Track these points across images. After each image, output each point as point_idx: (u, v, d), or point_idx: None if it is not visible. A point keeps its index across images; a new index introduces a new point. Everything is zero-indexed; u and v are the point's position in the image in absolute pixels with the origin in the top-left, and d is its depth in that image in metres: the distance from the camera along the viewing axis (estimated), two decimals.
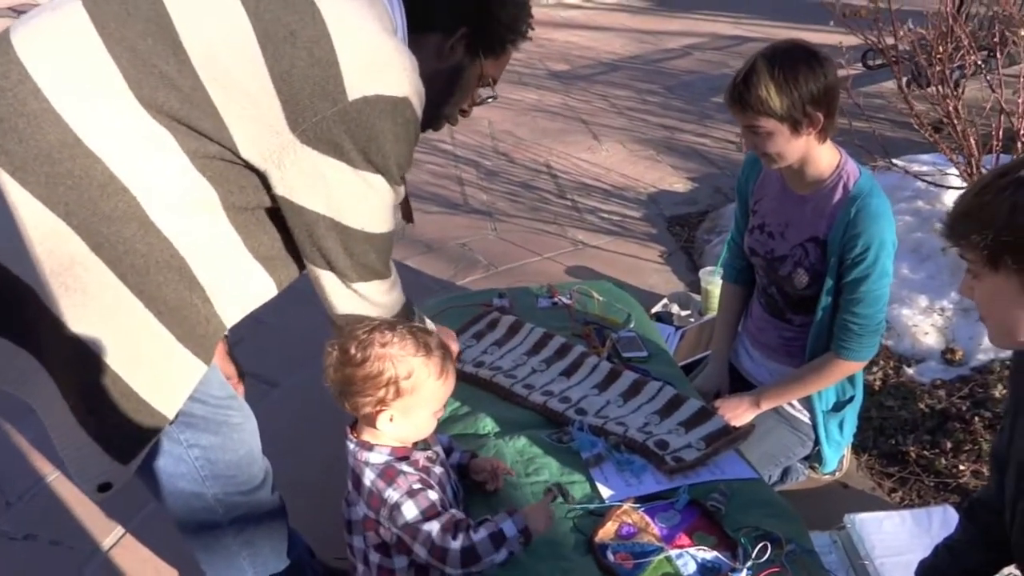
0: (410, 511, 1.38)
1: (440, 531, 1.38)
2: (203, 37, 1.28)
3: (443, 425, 1.80)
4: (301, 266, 1.51)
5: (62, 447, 1.44)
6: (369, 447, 1.44)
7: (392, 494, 1.39)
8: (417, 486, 1.41)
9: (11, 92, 1.24)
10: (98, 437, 1.40)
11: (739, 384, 2.37)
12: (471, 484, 1.66)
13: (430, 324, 1.71)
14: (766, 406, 2.12)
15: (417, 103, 1.39)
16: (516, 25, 1.52)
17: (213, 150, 1.32)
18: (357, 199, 1.40)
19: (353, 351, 1.38)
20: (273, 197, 1.39)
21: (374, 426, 1.43)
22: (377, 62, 1.33)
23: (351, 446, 1.46)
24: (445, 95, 1.53)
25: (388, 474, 1.41)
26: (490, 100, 1.63)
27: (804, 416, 2.20)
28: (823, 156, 1.96)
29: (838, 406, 2.20)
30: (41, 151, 1.24)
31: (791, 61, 1.83)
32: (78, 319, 1.33)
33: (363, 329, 1.41)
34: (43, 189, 1.25)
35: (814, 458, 2.32)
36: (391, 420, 1.42)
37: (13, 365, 1.38)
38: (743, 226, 2.28)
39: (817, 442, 2.22)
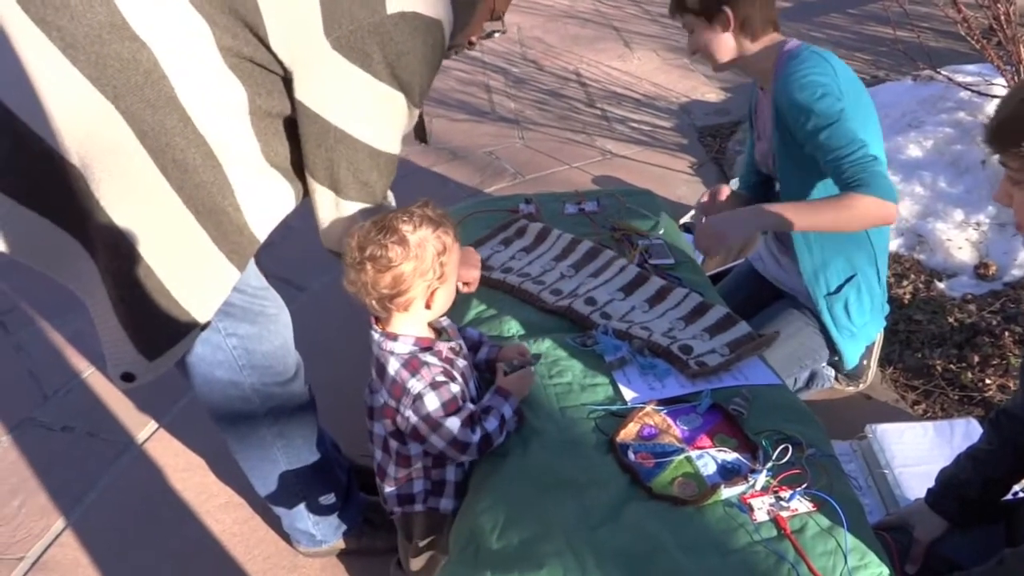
0: (432, 403, 1.41)
1: (461, 427, 1.42)
2: None
3: (468, 326, 1.81)
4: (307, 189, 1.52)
5: (99, 329, 1.48)
6: (394, 337, 1.45)
7: (415, 384, 1.41)
8: (440, 378, 1.43)
9: None
10: (126, 326, 1.44)
11: (766, 291, 2.35)
12: (489, 380, 1.68)
13: None
14: (771, 223, 1.94)
15: (448, 30, 1.42)
16: None
17: (246, 50, 1.32)
18: (371, 112, 1.41)
19: (391, 254, 1.36)
20: (293, 104, 1.39)
21: (428, 307, 1.45)
22: None
23: (376, 336, 1.47)
24: (459, 26, 1.55)
25: (412, 364, 1.43)
26: (496, 34, 1.69)
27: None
28: (760, 49, 2.02)
29: (838, 288, 2.16)
30: (91, 30, 1.24)
31: None
32: (117, 206, 1.35)
33: (375, 232, 1.38)
34: (93, 69, 1.25)
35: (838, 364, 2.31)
36: (435, 297, 1.45)
37: (52, 245, 1.41)
38: (752, 144, 2.34)
39: (826, 331, 2.19)
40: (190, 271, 1.44)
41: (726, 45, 2.01)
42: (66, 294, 1.59)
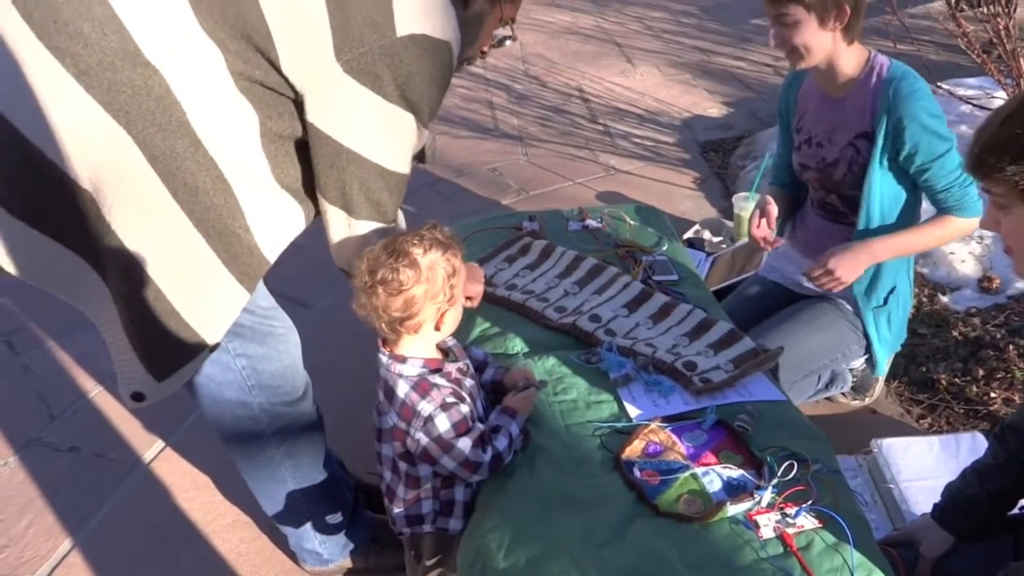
0: (443, 424, 1.41)
1: (472, 447, 1.43)
2: None
3: (473, 344, 1.82)
4: (318, 210, 1.54)
5: (111, 348, 1.50)
6: (403, 360, 1.46)
7: (426, 407, 1.41)
8: (450, 399, 1.44)
9: None
10: (136, 347, 1.45)
11: (783, 301, 2.36)
12: (495, 399, 1.69)
13: None
14: (884, 257, 2.07)
15: (456, 51, 1.44)
16: None
17: (257, 74, 1.34)
18: (382, 133, 1.43)
19: (403, 277, 1.38)
20: (304, 126, 1.41)
21: (437, 329, 1.47)
22: (426, 5, 1.38)
23: (384, 359, 1.48)
24: (469, 41, 1.57)
25: (422, 387, 1.43)
26: (508, 42, 1.70)
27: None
28: (851, 54, 2.03)
29: (885, 301, 2.20)
30: (105, 57, 1.26)
31: None
32: (127, 229, 1.36)
33: (386, 255, 1.39)
34: (106, 95, 1.27)
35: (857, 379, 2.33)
36: (445, 319, 1.47)
37: (63, 267, 1.42)
38: (788, 147, 2.33)
39: (868, 341, 2.23)
40: (200, 293, 1.45)
41: (824, 44, 1.98)
42: (73, 314, 1.60)
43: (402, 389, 1.44)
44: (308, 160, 1.47)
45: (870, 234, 2.08)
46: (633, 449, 1.53)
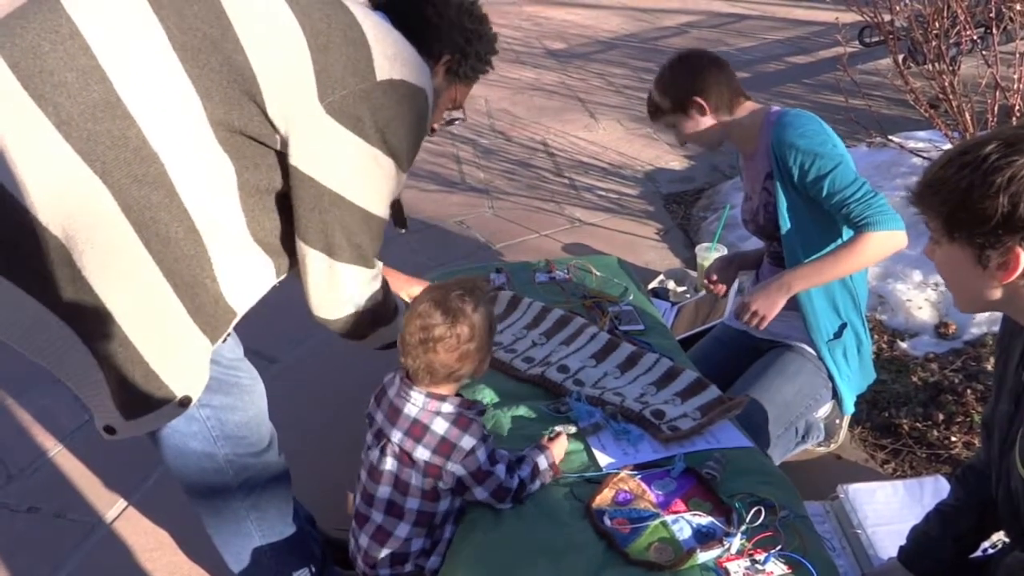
0: (483, 455, 1.50)
1: (506, 473, 1.53)
2: (245, 7, 1.35)
3: None
4: (292, 263, 1.56)
5: (80, 392, 1.48)
6: (441, 398, 1.53)
7: (468, 440, 1.49)
8: (486, 433, 1.55)
9: (62, 46, 1.27)
10: (107, 382, 1.44)
11: (749, 347, 2.39)
12: None
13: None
14: (798, 287, 2.06)
15: (430, 100, 1.49)
16: (488, 58, 1.68)
17: (239, 122, 1.36)
18: (364, 175, 1.46)
19: (459, 332, 1.48)
20: (285, 175, 1.43)
21: (474, 375, 1.58)
22: (403, 54, 1.44)
23: (419, 396, 1.53)
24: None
25: (461, 422, 1.51)
26: (457, 122, 1.77)
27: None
28: (745, 113, 2.15)
29: (837, 335, 2.23)
30: (86, 108, 1.28)
31: (665, 66, 2.18)
32: (97, 276, 1.36)
33: (440, 313, 1.48)
34: (84, 144, 1.29)
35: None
36: (480, 367, 1.58)
37: (23, 315, 1.39)
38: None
39: (832, 381, 2.24)
40: (167, 342, 1.45)
41: (705, 125, 2.15)
42: (29, 371, 1.57)
43: (441, 426, 1.51)
44: (286, 211, 1.48)
45: None
46: (603, 498, 1.54)
